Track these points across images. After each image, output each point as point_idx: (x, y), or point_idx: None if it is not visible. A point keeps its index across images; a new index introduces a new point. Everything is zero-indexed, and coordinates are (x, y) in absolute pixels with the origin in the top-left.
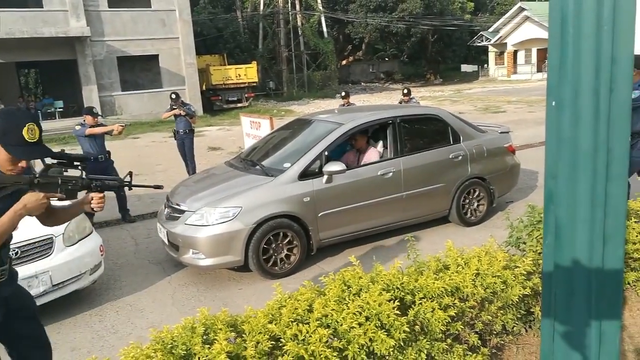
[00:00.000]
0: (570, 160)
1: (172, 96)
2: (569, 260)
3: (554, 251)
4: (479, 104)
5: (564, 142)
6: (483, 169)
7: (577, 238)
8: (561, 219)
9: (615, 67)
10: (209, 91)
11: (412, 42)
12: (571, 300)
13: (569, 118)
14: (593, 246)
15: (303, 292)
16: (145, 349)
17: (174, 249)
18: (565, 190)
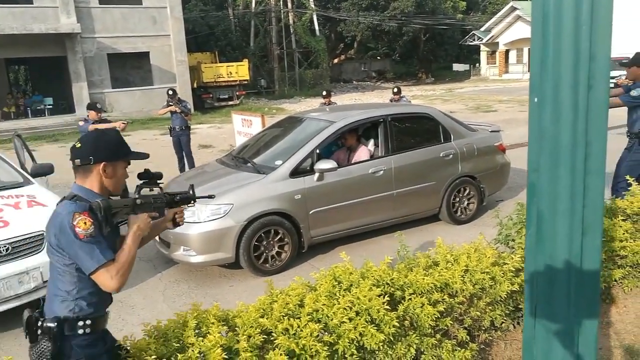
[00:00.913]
0: (551, 155)
1: (169, 92)
2: (550, 251)
3: (535, 242)
4: (470, 103)
5: (545, 137)
6: (473, 168)
7: (557, 229)
8: (543, 211)
9: (594, 65)
10: (200, 89)
11: (404, 40)
12: (552, 288)
13: (550, 114)
14: (572, 237)
15: (294, 288)
16: (138, 341)
17: (165, 246)
18: (546, 184)
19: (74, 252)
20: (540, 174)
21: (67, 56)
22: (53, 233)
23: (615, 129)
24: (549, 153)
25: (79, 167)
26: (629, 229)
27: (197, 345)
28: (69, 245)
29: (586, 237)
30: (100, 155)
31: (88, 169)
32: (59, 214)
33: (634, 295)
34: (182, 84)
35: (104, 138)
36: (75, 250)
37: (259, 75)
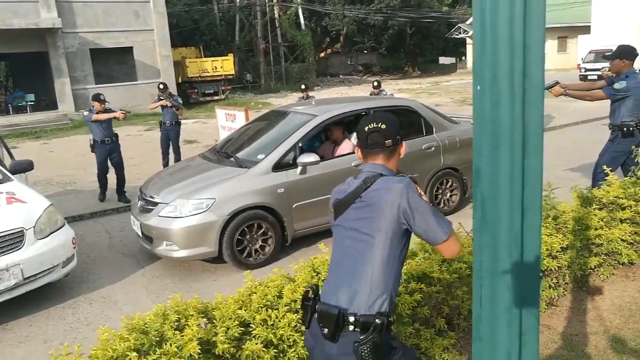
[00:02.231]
0: (492, 139)
1: (160, 87)
2: (493, 230)
3: (480, 224)
4: (456, 96)
5: (486, 122)
6: (456, 160)
7: (499, 209)
8: (485, 193)
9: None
10: (185, 84)
11: (390, 34)
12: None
13: (490, 100)
14: (513, 216)
15: (273, 279)
16: (119, 332)
17: (148, 241)
18: (488, 166)
19: (425, 222)
20: (483, 158)
21: (48, 51)
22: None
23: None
24: (489, 138)
25: (386, 148)
26: (604, 218)
27: (175, 339)
28: (422, 215)
29: (526, 216)
30: (400, 135)
31: (395, 149)
32: (394, 187)
33: (610, 282)
34: (167, 79)
35: (397, 119)
36: (427, 219)
37: (244, 69)
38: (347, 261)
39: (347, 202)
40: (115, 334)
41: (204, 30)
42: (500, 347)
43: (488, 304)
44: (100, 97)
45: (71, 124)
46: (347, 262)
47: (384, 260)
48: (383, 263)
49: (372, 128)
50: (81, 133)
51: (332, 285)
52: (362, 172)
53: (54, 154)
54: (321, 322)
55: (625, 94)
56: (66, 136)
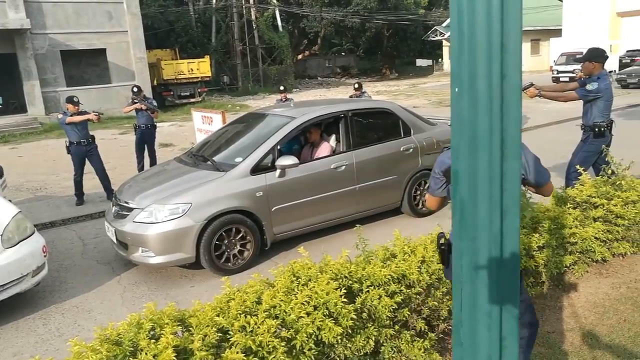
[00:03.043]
0: (470, 141)
1: (134, 90)
2: (473, 233)
3: (459, 228)
4: (433, 98)
5: (464, 124)
6: (434, 161)
7: (478, 213)
8: (464, 196)
9: (506, 55)
10: (161, 86)
11: (368, 36)
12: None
13: (468, 102)
14: (492, 219)
15: (252, 285)
16: (91, 344)
17: (123, 247)
18: (466, 169)
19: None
20: (461, 161)
21: (16, 53)
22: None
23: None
24: (467, 141)
25: None
26: (578, 217)
27: (149, 349)
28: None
29: (505, 219)
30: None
31: None
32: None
33: (585, 280)
34: (142, 81)
35: None
36: (539, 168)
37: (221, 71)
38: None
39: None
40: (87, 346)
41: (179, 32)
42: (481, 351)
43: (468, 309)
44: (74, 100)
45: (41, 127)
46: None
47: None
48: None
49: None
50: (52, 137)
51: None
52: None
53: (23, 159)
54: None
55: (597, 95)
56: (36, 140)
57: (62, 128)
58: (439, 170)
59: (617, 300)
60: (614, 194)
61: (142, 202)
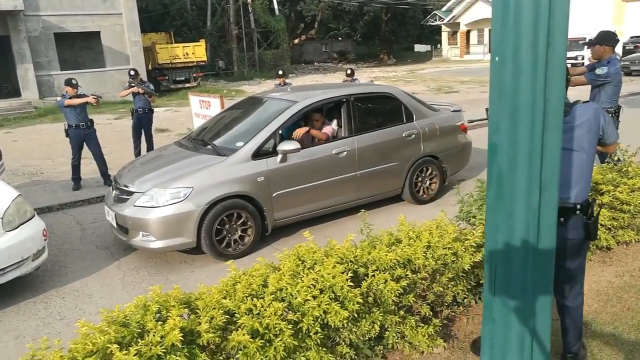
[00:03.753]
0: (511, 112)
1: (131, 73)
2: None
3: (495, 201)
4: (432, 84)
5: (506, 95)
6: (435, 148)
7: (517, 187)
8: (503, 169)
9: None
10: (155, 71)
11: (365, 20)
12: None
13: (511, 71)
14: (531, 193)
15: (257, 268)
16: (98, 325)
17: (123, 232)
18: (506, 141)
19: (612, 131)
20: (501, 133)
21: (9, 36)
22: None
23: None
24: (508, 111)
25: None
26: None
27: (157, 330)
28: (610, 127)
29: (544, 193)
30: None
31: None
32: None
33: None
34: (137, 65)
35: None
36: (612, 129)
37: (216, 56)
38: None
39: None
40: (95, 327)
41: (174, 15)
42: (513, 328)
43: (502, 285)
44: (72, 82)
45: (35, 112)
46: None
47: (591, 165)
48: (591, 167)
49: None
50: (46, 122)
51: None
52: None
53: (18, 144)
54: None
55: (606, 80)
56: (30, 125)
57: (61, 111)
58: None
59: (620, 289)
60: (620, 181)
61: (143, 186)
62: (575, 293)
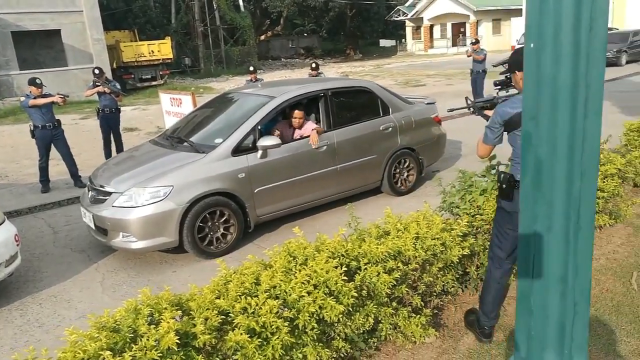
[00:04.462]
0: (551, 99)
1: (95, 72)
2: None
3: (532, 190)
4: (399, 78)
5: (545, 81)
6: (412, 140)
7: (557, 174)
8: (542, 157)
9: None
10: (121, 69)
11: (331, 16)
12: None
13: (550, 56)
14: (572, 181)
15: (248, 266)
16: (88, 332)
17: (102, 233)
18: (546, 128)
19: None
20: (539, 120)
21: None
22: None
23: None
24: (548, 98)
25: None
26: None
27: (150, 334)
28: None
29: (584, 180)
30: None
31: None
32: None
33: None
34: (100, 64)
35: None
36: None
37: (182, 53)
38: None
39: None
40: (84, 334)
41: (137, 12)
42: (552, 318)
43: (540, 275)
44: (36, 82)
45: None
46: None
47: None
48: None
49: None
50: (7, 123)
51: None
52: None
53: None
54: None
55: None
56: None
57: (26, 112)
58: (501, 120)
59: (597, 272)
60: None
61: (121, 186)
62: None
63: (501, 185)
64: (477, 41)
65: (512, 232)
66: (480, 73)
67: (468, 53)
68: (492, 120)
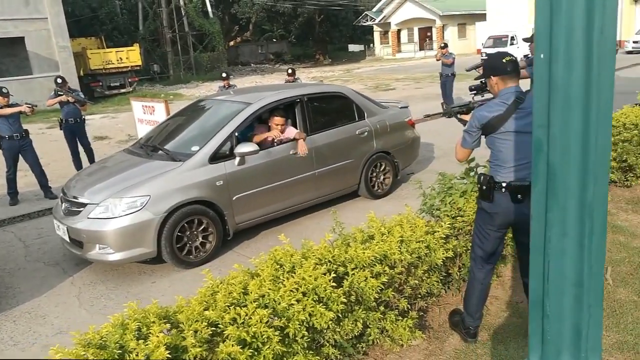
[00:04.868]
0: (563, 106)
1: (57, 81)
2: (563, 202)
3: (545, 196)
4: (369, 83)
5: (556, 89)
6: (387, 143)
7: (569, 180)
8: (555, 164)
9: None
10: (88, 77)
11: (300, 22)
12: (564, 240)
13: (562, 65)
14: (586, 186)
15: (235, 276)
16: (73, 350)
17: (77, 245)
18: (558, 135)
19: None
20: (551, 128)
21: None
22: None
23: None
24: (561, 105)
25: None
26: None
27: (140, 349)
28: None
29: (596, 184)
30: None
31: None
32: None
33: None
34: (67, 72)
35: None
36: None
37: (151, 60)
38: (526, 151)
39: (507, 116)
40: (70, 353)
41: (103, 19)
42: (567, 321)
43: (555, 280)
44: (2, 91)
45: None
46: (526, 151)
47: None
48: None
49: (511, 59)
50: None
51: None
52: (507, 94)
53: None
54: (518, 192)
55: None
56: None
57: None
58: (479, 124)
59: None
60: None
61: (96, 197)
62: None
63: (481, 187)
64: (446, 45)
65: (492, 233)
66: (449, 76)
67: (437, 57)
68: (469, 125)
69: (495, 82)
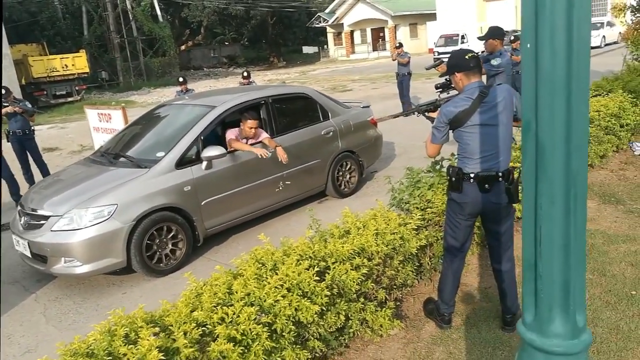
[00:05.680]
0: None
1: (2, 91)
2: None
3: (535, 169)
4: (326, 84)
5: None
6: (352, 143)
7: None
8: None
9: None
10: (31, 85)
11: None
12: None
13: (548, 55)
14: (570, 158)
15: (218, 277)
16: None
17: (40, 260)
18: (546, 116)
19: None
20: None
21: None
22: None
23: None
24: (548, 89)
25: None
26: None
27: (131, 354)
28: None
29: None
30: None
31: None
32: (509, 90)
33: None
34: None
35: None
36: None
37: (98, 67)
38: (491, 142)
39: (473, 110)
40: None
41: (44, 24)
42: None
43: (546, 244)
44: None
45: None
46: (492, 143)
47: (510, 137)
48: (510, 139)
49: (473, 55)
50: None
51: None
52: (472, 89)
53: None
54: (486, 182)
55: (498, 70)
56: None
57: None
58: (446, 119)
59: None
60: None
61: (59, 209)
62: (507, 258)
63: (450, 178)
64: (401, 45)
65: (463, 222)
66: (405, 76)
67: (393, 57)
68: (437, 121)
69: (459, 78)
